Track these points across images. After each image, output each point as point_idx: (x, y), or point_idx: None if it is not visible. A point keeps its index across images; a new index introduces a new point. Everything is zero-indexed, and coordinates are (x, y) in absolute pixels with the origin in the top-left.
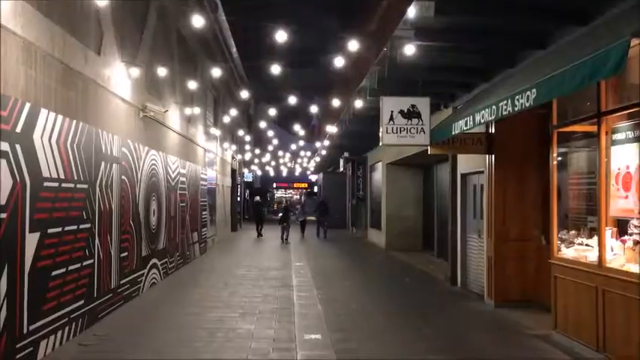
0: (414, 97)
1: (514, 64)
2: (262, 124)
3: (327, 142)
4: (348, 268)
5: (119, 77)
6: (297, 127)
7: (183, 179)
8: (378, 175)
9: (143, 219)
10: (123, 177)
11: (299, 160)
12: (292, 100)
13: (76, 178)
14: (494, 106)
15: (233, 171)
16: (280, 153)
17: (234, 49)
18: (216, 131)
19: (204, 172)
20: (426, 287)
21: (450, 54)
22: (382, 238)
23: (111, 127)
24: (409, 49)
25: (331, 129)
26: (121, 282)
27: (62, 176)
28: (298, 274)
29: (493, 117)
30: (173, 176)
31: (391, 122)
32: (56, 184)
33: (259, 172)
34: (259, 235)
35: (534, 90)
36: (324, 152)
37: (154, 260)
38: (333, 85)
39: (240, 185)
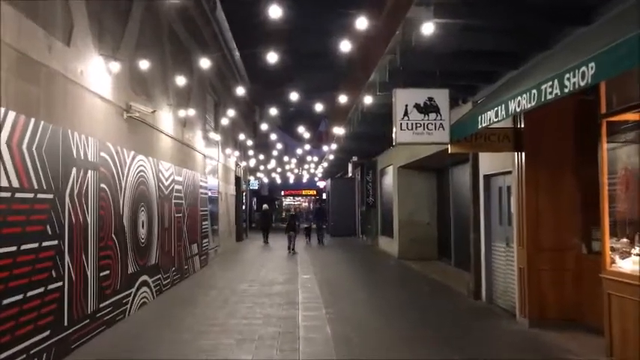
0: (431, 90)
1: (551, 44)
2: (267, 129)
3: (334, 146)
4: (359, 280)
5: (96, 72)
6: (302, 130)
7: (179, 187)
8: (389, 180)
9: (129, 232)
10: (102, 185)
11: (306, 167)
12: (298, 102)
13: (36, 186)
14: (534, 90)
15: (237, 178)
16: (286, 159)
17: (236, 52)
18: (216, 137)
19: (204, 180)
20: (447, 302)
21: (474, 34)
22: (394, 246)
23: (85, 129)
24: (427, 28)
25: (339, 131)
26: (101, 305)
27: (15, 184)
28: (305, 289)
29: (534, 103)
30: (167, 184)
31: (406, 118)
32: (7, 194)
33: (266, 180)
34: (266, 242)
35: (592, 65)
36: (331, 157)
37: (144, 277)
38: (340, 88)
39: (246, 193)
